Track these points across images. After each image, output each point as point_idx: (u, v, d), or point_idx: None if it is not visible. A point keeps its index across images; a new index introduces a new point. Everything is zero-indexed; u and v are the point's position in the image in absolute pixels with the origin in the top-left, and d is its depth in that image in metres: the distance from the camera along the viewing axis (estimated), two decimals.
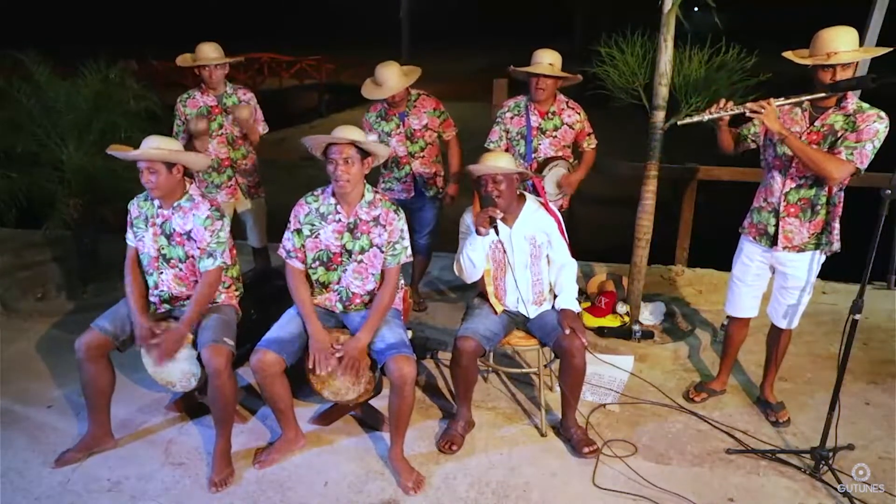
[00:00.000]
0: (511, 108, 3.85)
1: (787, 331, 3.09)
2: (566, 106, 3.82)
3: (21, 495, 2.68)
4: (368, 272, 2.86)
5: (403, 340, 2.77)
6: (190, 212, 2.84)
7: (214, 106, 3.98)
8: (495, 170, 2.79)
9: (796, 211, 2.85)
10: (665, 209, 4.22)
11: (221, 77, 3.97)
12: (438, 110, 3.97)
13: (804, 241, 2.87)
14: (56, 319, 4.26)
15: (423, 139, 3.96)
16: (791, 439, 3.05)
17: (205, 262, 2.83)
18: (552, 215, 3.00)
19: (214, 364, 2.67)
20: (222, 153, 4.01)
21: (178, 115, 4.00)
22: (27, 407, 3.28)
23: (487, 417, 3.21)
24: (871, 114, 2.66)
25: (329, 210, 2.81)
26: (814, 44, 2.67)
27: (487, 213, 2.75)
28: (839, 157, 2.64)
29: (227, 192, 4.08)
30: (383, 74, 3.73)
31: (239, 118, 3.92)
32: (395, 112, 3.89)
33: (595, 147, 3.93)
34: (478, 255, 2.88)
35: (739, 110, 2.75)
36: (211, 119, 3.94)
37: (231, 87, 4.05)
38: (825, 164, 2.64)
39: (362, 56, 21.35)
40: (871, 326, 4.09)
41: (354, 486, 2.74)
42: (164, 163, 2.74)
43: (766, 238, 2.96)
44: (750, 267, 3.07)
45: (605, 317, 4.16)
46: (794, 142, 2.67)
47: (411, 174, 3.98)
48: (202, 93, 3.98)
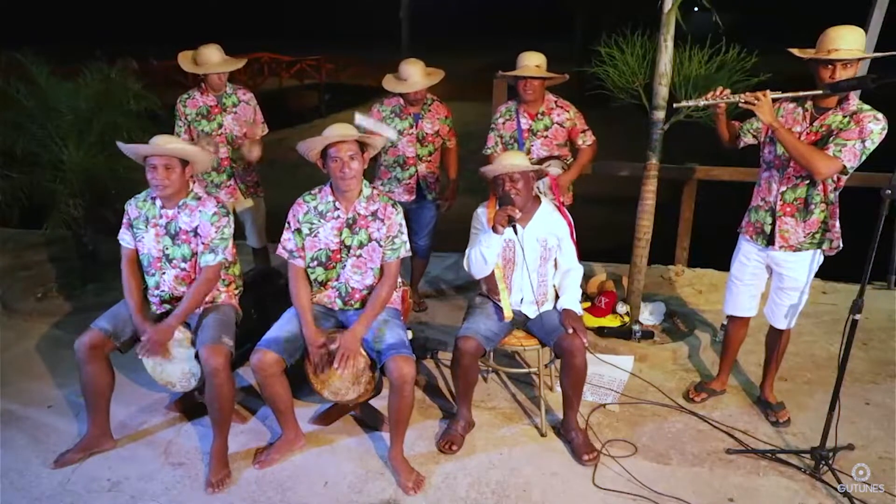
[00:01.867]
0: (503, 114, 3.90)
1: (785, 331, 3.09)
2: (555, 105, 3.84)
3: (21, 495, 2.68)
4: (367, 267, 2.86)
5: (403, 340, 2.77)
6: (197, 209, 2.84)
7: (214, 106, 3.98)
8: (513, 168, 2.81)
9: (792, 210, 2.85)
10: (665, 209, 4.22)
11: (224, 81, 3.98)
12: (449, 118, 4.04)
13: (800, 241, 2.86)
14: (56, 319, 4.26)
15: (433, 144, 4.00)
16: (791, 439, 3.05)
17: (206, 258, 2.83)
18: (565, 218, 3.02)
19: (213, 364, 2.67)
20: (222, 153, 4.01)
21: (178, 115, 3.99)
22: (27, 407, 3.28)
23: (487, 417, 3.21)
24: (868, 114, 2.65)
25: (328, 208, 2.81)
26: (819, 41, 2.67)
27: (506, 212, 2.74)
28: (827, 152, 2.64)
29: (226, 191, 4.08)
30: (408, 70, 3.79)
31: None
32: (410, 111, 3.91)
33: (592, 144, 3.89)
34: (491, 253, 2.87)
35: (735, 99, 2.75)
36: (211, 119, 3.95)
37: (231, 87, 4.05)
38: (812, 159, 2.64)
39: (362, 56, 21.40)
40: (871, 326, 4.09)
41: (354, 486, 2.74)
42: (179, 160, 2.75)
43: (762, 237, 2.96)
44: (747, 266, 3.08)
45: (605, 317, 4.16)
46: (784, 134, 2.67)
47: (416, 177, 3.99)
48: (202, 93, 3.98)
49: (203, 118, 3.95)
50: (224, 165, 4.04)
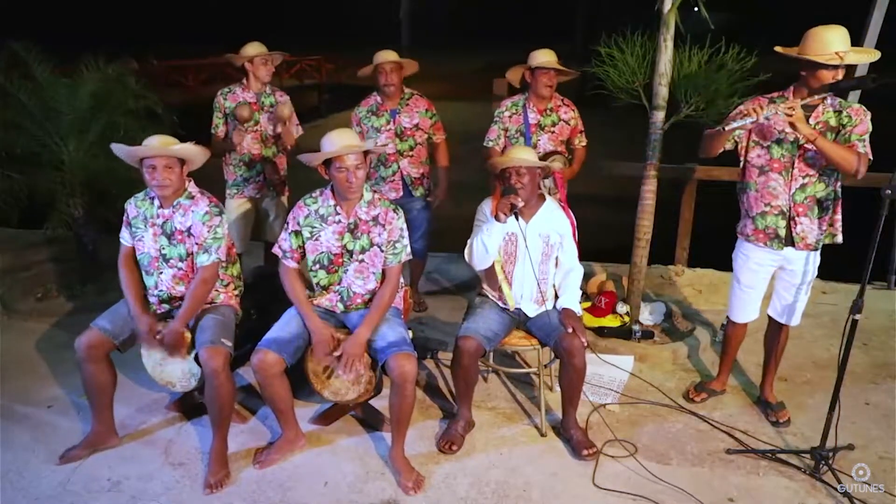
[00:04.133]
0: (509, 107, 3.91)
1: (786, 328, 3.10)
2: (562, 103, 3.90)
3: (21, 495, 2.68)
4: (370, 271, 2.86)
5: (404, 338, 2.77)
6: (190, 209, 2.84)
7: (253, 103, 4.03)
8: (521, 162, 2.86)
9: (805, 210, 2.85)
10: (665, 209, 4.22)
11: (270, 73, 4.06)
12: (430, 111, 4.02)
13: (817, 239, 2.89)
14: (56, 319, 4.26)
15: (413, 138, 3.98)
16: (791, 439, 3.05)
17: (200, 258, 2.83)
18: (568, 217, 3.05)
19: (212, 365, 2.67)
20: (255, 149, 4.07)
21: (217, 107, 4.05)
22: (27, 407, 3.28)
23: (487, 417, 3.21)
24: (857, 108, 2.74)
25: (329, 211, 2.81)
26: (812, 42, 2.65)
27: (510, 200, 2.82)
28: (857, 150, 2.69)
29: (254, 187, 4.14)
30: (378, 55, 3.86)
31: (280, 116, 3.99)
32: (386, 108, 3.92)
33: (585, 146, 4.00)
34: (493, 242, 2.90)
35: (772, 112, 2.66)
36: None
37: (269, 88, 4.12)
38: (853, 160, 2.66)
39: (362, 56, 21.29)
40: (871, 327, 4.08)
41: (354, 486, 2.74)
42: (178, 159, 2.75)
43: (777, 241, 2.93)
44: (758, 272, 3.05)
45: (605, 317, 4.16)
46: (822, 142, 2.65)
47: (399, 173, 3.98)
48: (243, 89, 4.06)
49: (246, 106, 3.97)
50: (255, 160, 4.08)
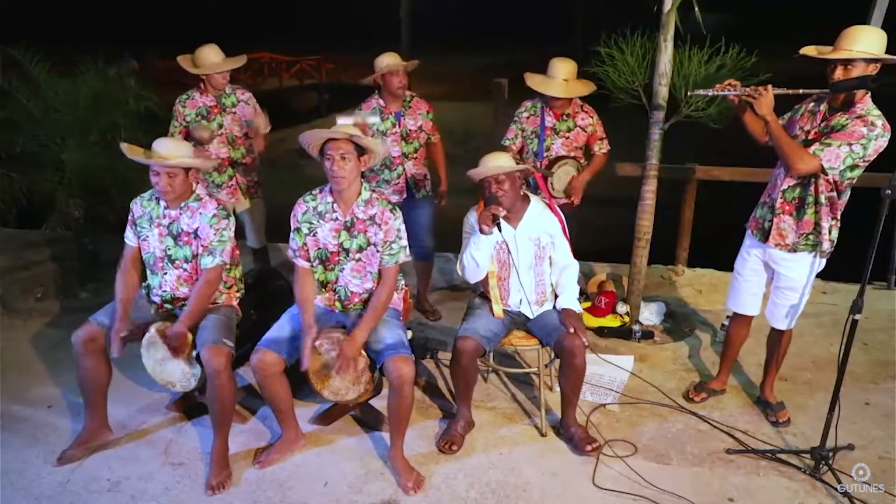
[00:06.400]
0: (528, 109, 3.91)
1: (786, 332, 3.09)
2: (580, 109, 3.88)
3: (21, 495, 2.68)
4: (367, 271, 2.85)
5: (402, 341, 2.77)
6: (197, 211, 2.85)
7: (214, 106, 3.97)
8: (497, 170, 2.80)
9: (791, 209, 2.85)
10: (665, 209, 4.22)
11: (226, 80, 3.98)
12: (430, 113, 4.03)
13: (795, 242, 2.86)
14: (56, 319, 4.26)
15: (418, 140, 3.98)
16: (791, 439, 3.05)
17: (205, 260, 2.83)
18: (556, 215, 3.01)
19: (214, 365, 2.67)
20: (223, 153, 4.01)
21: (176, 115, 3.98)
22: (27, 407, 3.28)
23: (487, 417, 3.21)
24: (865, 118, 2.59)
25: (326, 209, 2.81)
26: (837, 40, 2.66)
27: (490, 212, 2.76)
28: (808, 150, 2.65)
29: (227, 191, 4.08)
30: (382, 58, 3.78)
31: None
32: (391, 111, 3.90)
33: (606, 153, 3.96)
34: (482, 255, 2.87)
35: (740, 92, 2.74)
36: (210, 119, 3.95)
37: (230, 87, 4.05)
38: (791, 155, 2.66)
39: (362, 56, 21.32)
40: (872, 327, 4.08)
41: (354, 486, 2.74)
42: (183, 168, 2.75)
43: (760, 233, 2.97)
44: (747, 261, 3.09)
45: (605, 317, 4.16)
46: (774, 128, 2.68)
47: (404, 175, 3.98)
48: (201, 93, 3.98)
49: (203, 118, 3.94)
50: (224, 166, 4.03)
